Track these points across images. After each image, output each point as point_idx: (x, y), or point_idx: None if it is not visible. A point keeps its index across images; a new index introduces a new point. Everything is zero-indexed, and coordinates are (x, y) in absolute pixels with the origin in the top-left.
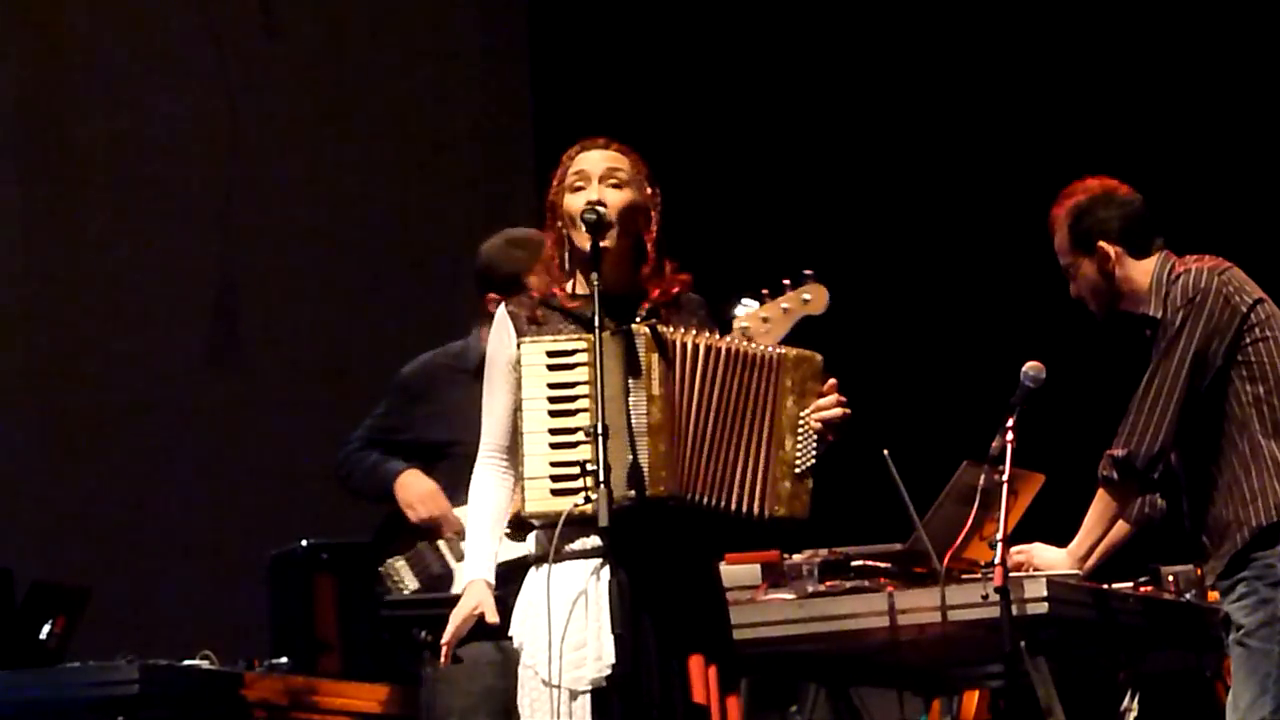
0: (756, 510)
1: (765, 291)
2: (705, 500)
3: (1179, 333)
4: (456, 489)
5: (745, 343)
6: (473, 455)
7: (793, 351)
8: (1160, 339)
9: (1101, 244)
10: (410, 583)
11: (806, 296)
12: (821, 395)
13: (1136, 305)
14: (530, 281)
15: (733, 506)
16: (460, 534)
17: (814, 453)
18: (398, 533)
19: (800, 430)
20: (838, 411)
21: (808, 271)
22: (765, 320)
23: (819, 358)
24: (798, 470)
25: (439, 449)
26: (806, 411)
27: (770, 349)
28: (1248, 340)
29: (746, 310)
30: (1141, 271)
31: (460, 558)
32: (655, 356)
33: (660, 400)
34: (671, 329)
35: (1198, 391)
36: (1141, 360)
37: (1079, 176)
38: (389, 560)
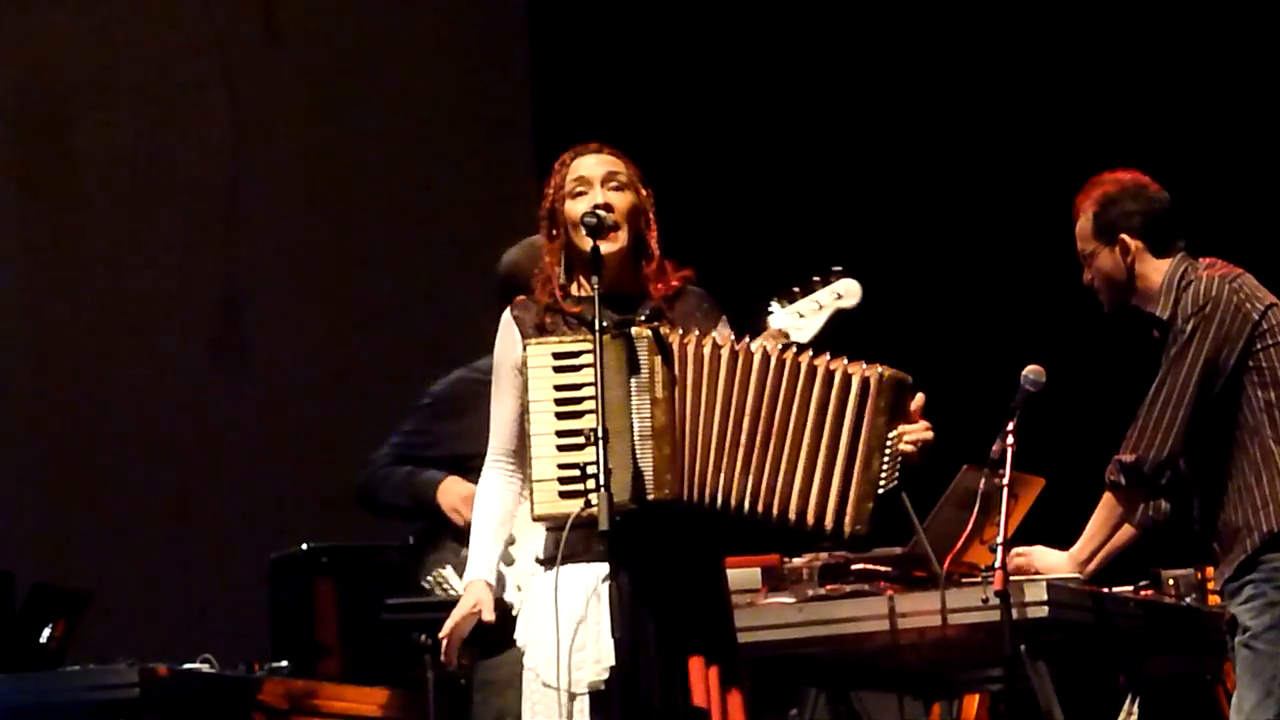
0: (830, 525)
1: (796, 289)
2: (742, 506)
3: (1189, 340)
4: None
5: (798, 352)
6: None
7: (888, 371)
8: (1170, 345)
9: (1123, 236)
10: (460, 587)
11: (840, 292)
12: (911, 418)
13: (1146, 303)
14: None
15: (790, 517)
16: (509, 538)
17: (897, 474)
18: (435, 543)
19: (888, 451)
20: (929, 435)
21: (838, 267)
22: (801, 316)
23: (910, 379)
24: (881, 490)
25: (468, 462)
26: (895, 433)
27: (857, 365)
28: (1259, 346)
29: (781, 309)
30: (1157, 270)
31: (509, 563)
32: (658, 359)
33: (664, 403)
34: (680, 331)
35: (1207, 399)
36: (1142, 362)
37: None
38: (436, 570)
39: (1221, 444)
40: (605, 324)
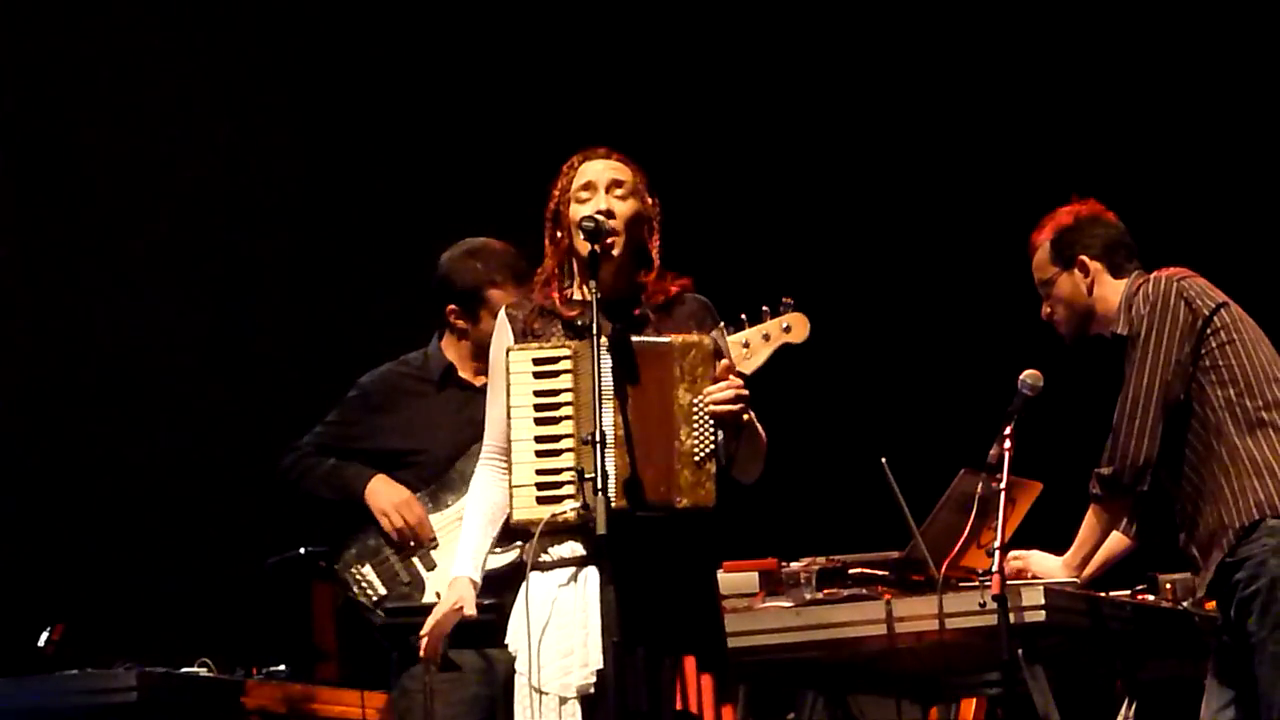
0: (665, 502)
1: (744, 317)
2: (648, 504)
3: (1146, 341)
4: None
5: (651, 337)
6: (432, 464)
7: (679, 339)
8: (1130, 351)
9: (1083, 258)
10: (379, 589)
11: (787, 325)
12: (715, 380)
13: (1106, 326)
14: (533, 288)
15: (655, 504)
16: (433, 542)
17: (712, 440)
18: (355, 537)
19: (695, 418)
20: (728, 394)
21: (788, 300)
22: (745, 346)
23: (707, 341)
24: (696, 459)
25: (397, 458)
26: (699, 398)
27: (662, 338)
28: (1215, 344)
29: (726, 336)
30: (1115, 291)
31: (430, 567)
32: (628, 366)
33: (629, 410)
34: (645, 337)
35: (1174, 399)
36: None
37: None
38: (354, 567)
39: (1189, 450)
40: (596, 329)
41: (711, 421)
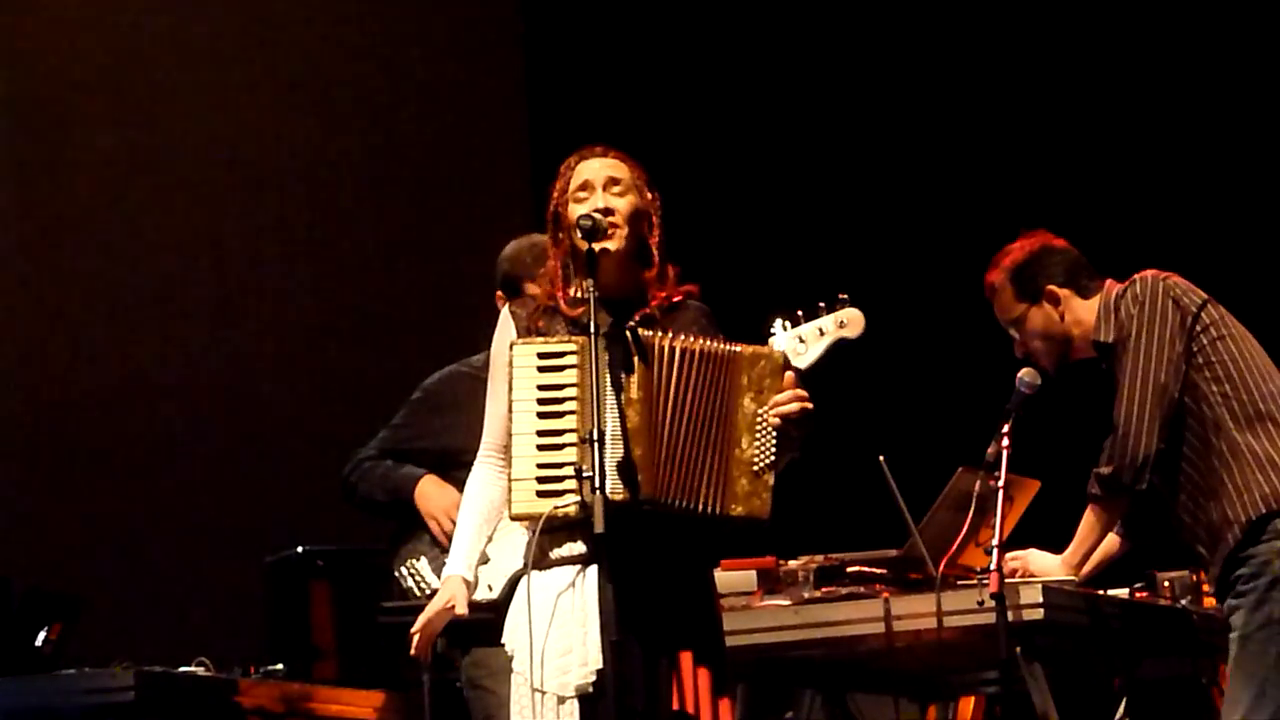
0: (716, 509)
1: (800, 313)
2: (675, 503)
3: (1138, 341)
4: None
5: (709, 342)
6: None
7: (749, 349)
8: (1121, 354)
9: (1050, 287)
10: (434, 582)
11: (842, 321)
12: (781, 391)
13: (1088, 345)
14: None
15: (698, 507)
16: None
17: (773, 450)
18: (410, 534)
19: (758, 428)
20: (795, 406)
21: (843, 295)
22: (801, 341)
23: (778, 353)
24: (755, 468)
25: (455, 457)
26: (764, 408)
27: (728, 346)
28: (1205, 340)
29: (783, 331)
30: (1088, 310)
31: (483, 561)
32: (637, 361)
33: (638, 404)
34: (655, 333)
35: (1172, 394)
36: None
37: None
38: (409, 560)
39: (1187, 448)
40: (595, 325)
41: (775, 433)
